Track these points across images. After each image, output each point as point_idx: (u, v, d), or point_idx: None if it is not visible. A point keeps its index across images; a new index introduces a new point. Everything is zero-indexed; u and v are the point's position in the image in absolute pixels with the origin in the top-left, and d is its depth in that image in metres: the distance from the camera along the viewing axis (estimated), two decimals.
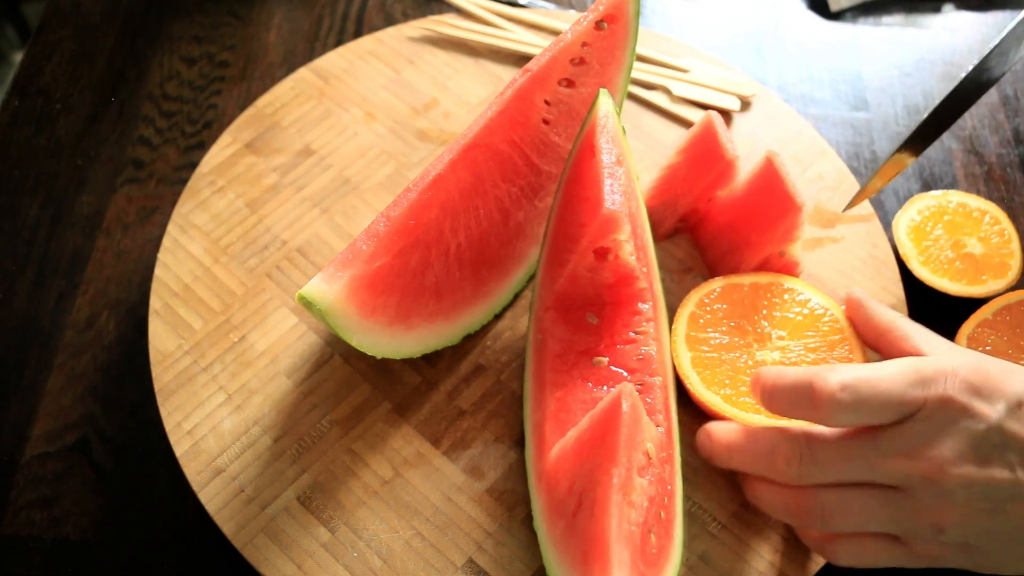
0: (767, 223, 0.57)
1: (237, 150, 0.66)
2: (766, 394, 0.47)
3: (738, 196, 0.59)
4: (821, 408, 0.44)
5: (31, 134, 0.71)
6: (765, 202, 0.57)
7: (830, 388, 0.44)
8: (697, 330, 0.55)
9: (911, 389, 0.43)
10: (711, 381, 0.53)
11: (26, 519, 0.55)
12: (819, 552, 0.49)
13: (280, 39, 0.76)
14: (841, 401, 0.43)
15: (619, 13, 0.60)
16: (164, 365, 0.57)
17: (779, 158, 0.56)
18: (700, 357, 0.54)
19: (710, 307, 0.56)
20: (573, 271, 0.54)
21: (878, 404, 0.44)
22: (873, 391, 0.43)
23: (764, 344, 0.55)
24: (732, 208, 0.59)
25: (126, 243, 0.65)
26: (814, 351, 0.54)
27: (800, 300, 0.56)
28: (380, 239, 0.52)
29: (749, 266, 0.58)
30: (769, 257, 0.58)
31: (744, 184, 0.59)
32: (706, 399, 0.53)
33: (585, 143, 0.54)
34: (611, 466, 0.44)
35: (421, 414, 0.56)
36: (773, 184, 0.56)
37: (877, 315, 0.53)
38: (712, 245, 0.61)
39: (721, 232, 0.60)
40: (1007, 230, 0.64)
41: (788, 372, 0.46)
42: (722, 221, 0.60)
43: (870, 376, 0.44)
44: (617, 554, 0.43)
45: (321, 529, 0.51)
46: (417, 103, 0.69)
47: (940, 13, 0.80)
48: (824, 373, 0.44)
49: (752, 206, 0.58)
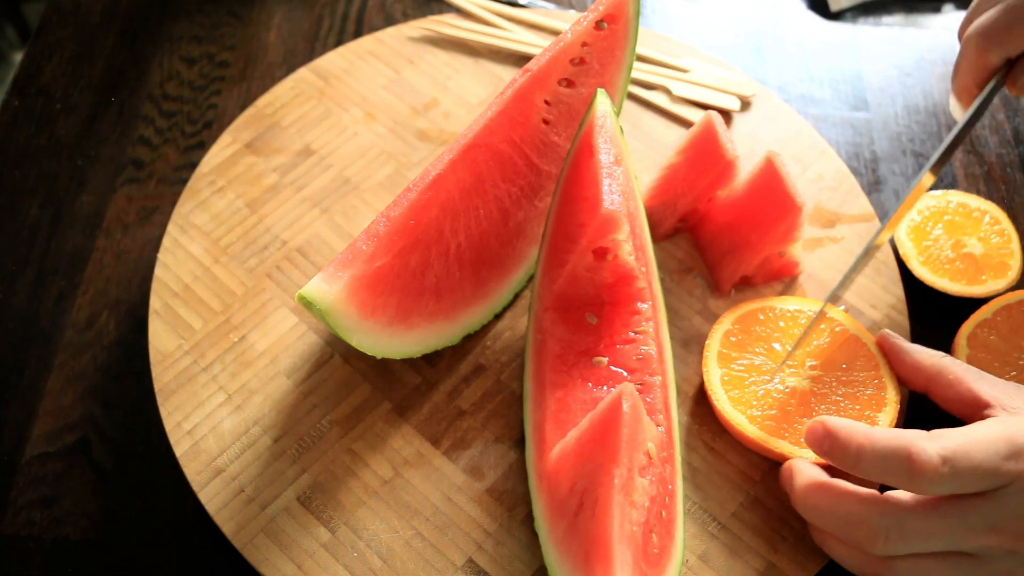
0: (767, 223, 0.57)
1: (237, 150, 0.66)
2: (851, 455, 0.45)
3: (738, 196, 0.59)
4: (919, 480, 0.43)
5: (31, 134, 0.71)
6: (765, 202, 0.57)
7: (933, 462, 0.42)
8: (730, 348, 0.56)
9: (1006, 463, 0.43)
10: (738, 400, 0.54)
11: (26, 519, 0.55)
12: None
13: (280, 39, 0.76)
14: (942, 475, 0.43)
15: (619, 13, 0.60)
16: (164, 365, 0.57)
17: (779, 158, 0.56)
18: (730, 375, 0.54)
19: (745, 327, 0.56)
20: (572, 271, 0.54)
21: (974, 477, 0.43)
22: (971, 464, 0.43)
23: (798, 370, 0.55)
24: (732, 208, 0.59)
25: (126, 243, 0.65)
26: (846, 384, 0.54)
27: (838, 332, 0.56)
28: (380, 239, 0.52)
29: (749, 266, 0.58)
30: (769, 257, 0.58)
31: (744, 184, 0.59)
32: (732, 418, 0.53)
33: (583, 143, 0.54)
34: (612, 466, 0.44)
35: (421, 414, 0.56)
36: (773, 184, 0.56)
37: (923, 360, 0.52)
38: (712, 245, 0.60)
39: (721, 232, 0.60)
40: (1007, 230, 0.64)
41: (879, 436, 0.45)
42: (722, 221, 0.60)
43: (968, 448, 0.43)
44: (619, 554, 0.43)
45: (321, 529, 0.51)
46: (417, 103, 0.69)
47: (940, 13, 0.80)
48: (921, 443, 0.43)
49: (752, 206, 0.58)
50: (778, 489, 0.53)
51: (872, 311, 0.60)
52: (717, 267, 0.60)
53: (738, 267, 0.58)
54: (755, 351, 0.55)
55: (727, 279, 0.59)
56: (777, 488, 0.53)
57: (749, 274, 0.59)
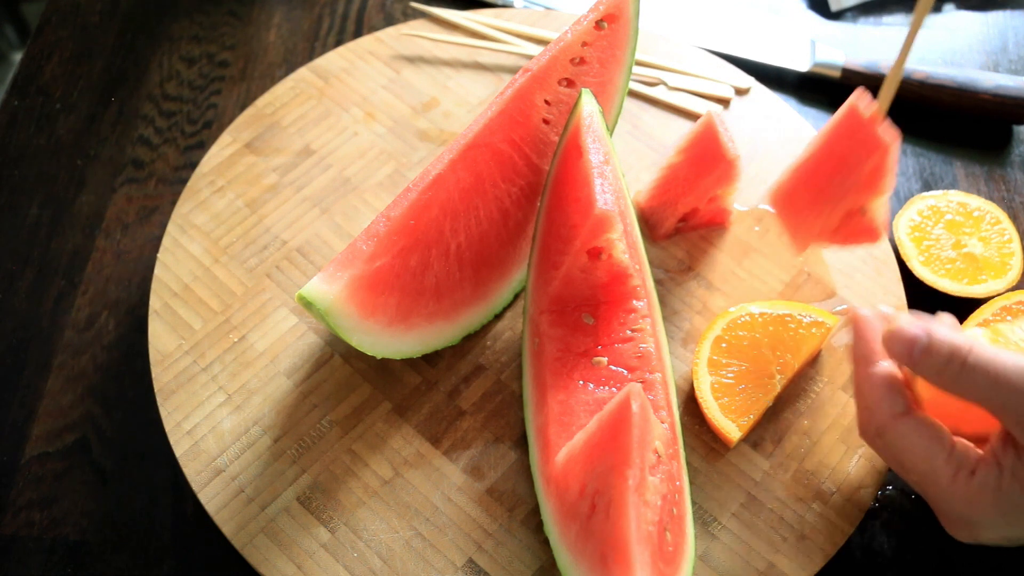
0: (703, 171, 0.58)
1: (237, 150, 0.66)
2: None
3: (683, 148, 0.61)
4: None
5: (31, 134, 0.71)
6: (704, 153, 0.58)
7: None
8: (720, 355, 0.55)
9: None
10: (728, 409, 0.53)
11: (26, 519, 0.55)
12: None
13: (280, 39, 0.76)
14: None
15: (619, 13, 0.60)
16: (164, 365, 0.57)
17: (718, 116, 0.58)
18: (720, 383, 0.54)
19: (736, 333, 0.56)
20: (567, 273, 0.54)
21: None
22: None
23: (786, 376, 0.55)
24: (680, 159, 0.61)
25: (126, 243, 0.65)
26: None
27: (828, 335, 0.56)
28: (380, 239, 0.52)
29: (685, 208, 0.60)
30: (707, 202, 0.60)
31: (687, 139, 0.61)
32: (722, 427, 0.53)
33: (570, 144, 0.54)
34: (625, 468, 0.44)
35: (421, 414, 0.56)
36: (710, 138, 0.58)
37: None
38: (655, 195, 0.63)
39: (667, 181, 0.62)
40: (1007, 230, 0.64)
41: None
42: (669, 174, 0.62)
43: None
44: (638, 555, 0.43)
45: (321, 529, 0.51)
46: (417, 103, 0.69)
47: (940, 13, 0.80)
48: None
49: (693, 158, 0.59)
50: (778, 489, 0.53)
51: None
52: (657, 213, 0.62)
53: (675, 211, 0.60)
54: (744, 357, 0.55)
55: (665, 222, 0.61)
56: (777, 488, 0.53)
57: (684, 218, 0.61)
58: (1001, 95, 0.69)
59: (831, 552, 0.51)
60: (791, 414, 0.56)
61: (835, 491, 0.53)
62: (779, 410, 0.56)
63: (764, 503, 0.53)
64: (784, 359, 0.55)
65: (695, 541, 0.49)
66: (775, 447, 0.55)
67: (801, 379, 0.57)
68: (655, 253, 0.62)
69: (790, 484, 0.53)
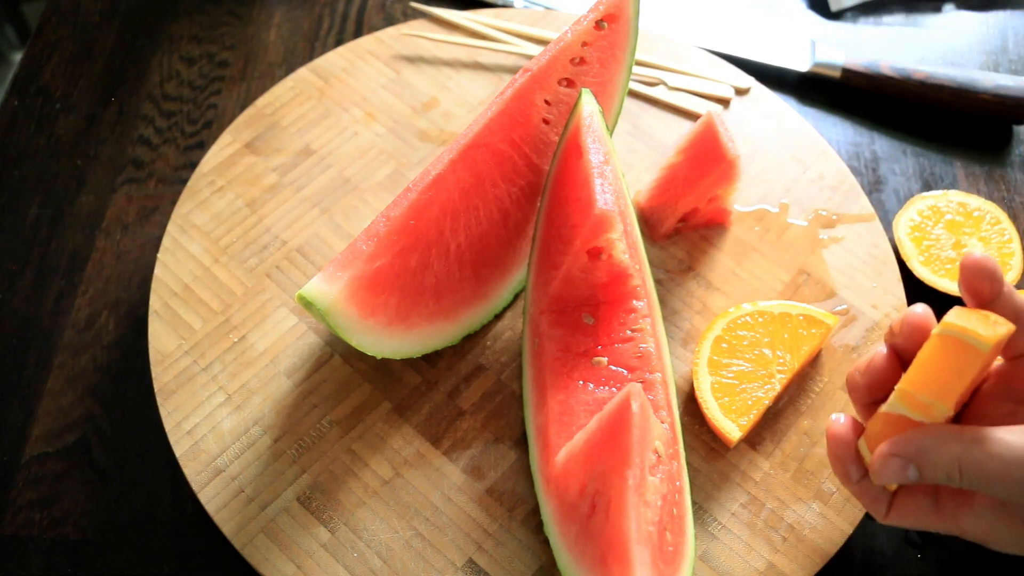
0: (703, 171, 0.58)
1: (237, 150, 0.66)
2: None
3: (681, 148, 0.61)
4: None
5: (31, 134, 0.71)
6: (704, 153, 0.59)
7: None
8: (720, 355, 0.55)
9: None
10: (728, 409, 0.53)
11: (26, 519, 0.55)
12: None
13: (280, 39, 0.76)
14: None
15: (619, 13, 0.60)
16: (164, 365, 0.57)
17: (718, 116, 0.58)
18: (720, 383, 0.54)
19: (736, 333, 0.56)
20: (567, 273, 0.54)
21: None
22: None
23: (786, 376, 0.55)
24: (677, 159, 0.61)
25: (126, 243, 0.65)
26: None
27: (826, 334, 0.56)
28: (380, 239, 0.52)
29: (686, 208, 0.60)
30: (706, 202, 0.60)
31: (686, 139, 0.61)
32: (722, 427, 0.53)
33: (570, 144, 0.54)
34: (625, 468, 0.44)
35: (421, 414, 0.56)
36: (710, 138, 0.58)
37: None
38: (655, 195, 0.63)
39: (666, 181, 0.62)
40: (1007, 230, 0.64)
41: None
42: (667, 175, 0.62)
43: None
44: (638, 555, 0.43)
45: (321, 529, 0.51)
46: (417, 103, 0.69)
47: (940, 13, 0.80)
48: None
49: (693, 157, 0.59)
50: (778, 489, 0.53)
51: (873, 311, 0.60)
52: (657, 213, 0.62)
53: (675, 211, 0.60)
54: (745, 357, 0.55)
55: (665, 222, 0.61)
56: (777, 488, 0.53)
57: (684, 218, 0.61)
58: (1001, 95, 0.69)
59: (831, 552, 0.51)
60: (791, 414, 0.56)
61: (835, 491, 0.53)
62: (779, 410, 0.56)
63: (764, 503, 0.53)
64: (784, 359, 0.55)
65: (695, 541, 0.49)
66: (775, 447, 0.55)
67: (801, 379, 0.57)
68: (655, 253, 0.62)
69: (790, 484, 0.53)
